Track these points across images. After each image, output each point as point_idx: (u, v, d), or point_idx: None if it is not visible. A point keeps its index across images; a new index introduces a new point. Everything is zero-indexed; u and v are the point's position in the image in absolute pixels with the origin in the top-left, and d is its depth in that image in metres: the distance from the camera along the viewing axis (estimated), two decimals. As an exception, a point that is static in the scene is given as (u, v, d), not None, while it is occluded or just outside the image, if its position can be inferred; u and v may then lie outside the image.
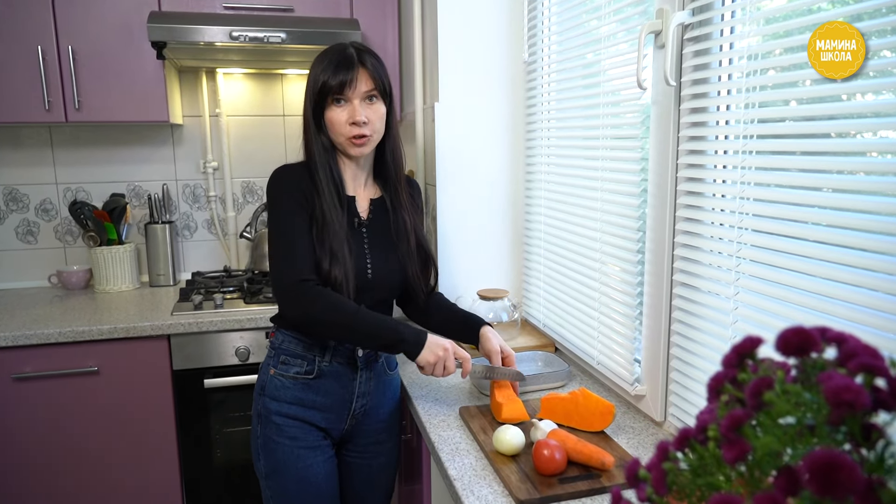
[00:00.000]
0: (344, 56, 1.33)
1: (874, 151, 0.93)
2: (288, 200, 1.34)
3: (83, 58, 2.08)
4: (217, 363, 2.02)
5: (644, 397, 1.39)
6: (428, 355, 1.32)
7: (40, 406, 1.92)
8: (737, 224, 1.07)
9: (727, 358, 0.54)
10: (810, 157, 0.95)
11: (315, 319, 1.29)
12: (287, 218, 1.33)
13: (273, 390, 1.39)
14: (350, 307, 1.29)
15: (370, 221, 1.44)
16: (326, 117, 1.35)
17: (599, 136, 1.50)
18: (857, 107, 0.90)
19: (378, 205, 1.46)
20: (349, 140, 1.35)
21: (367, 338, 1.32)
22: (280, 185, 1.36)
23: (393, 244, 1.44)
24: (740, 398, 0.54)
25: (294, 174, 1.37)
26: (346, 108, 1.33)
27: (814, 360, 0.49)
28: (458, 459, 1.22)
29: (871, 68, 0.83)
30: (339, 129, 1.34)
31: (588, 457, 1.15)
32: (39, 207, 2.43)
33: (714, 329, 1.14)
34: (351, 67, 1.32)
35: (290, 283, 1.29)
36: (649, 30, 1.22)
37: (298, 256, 1.31)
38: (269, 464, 1.40)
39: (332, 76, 1.32)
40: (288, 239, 1.32)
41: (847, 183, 0.90)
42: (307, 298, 1.28)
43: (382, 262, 1.42)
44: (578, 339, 1.66)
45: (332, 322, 1.29)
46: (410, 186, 1.52)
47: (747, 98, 1.03)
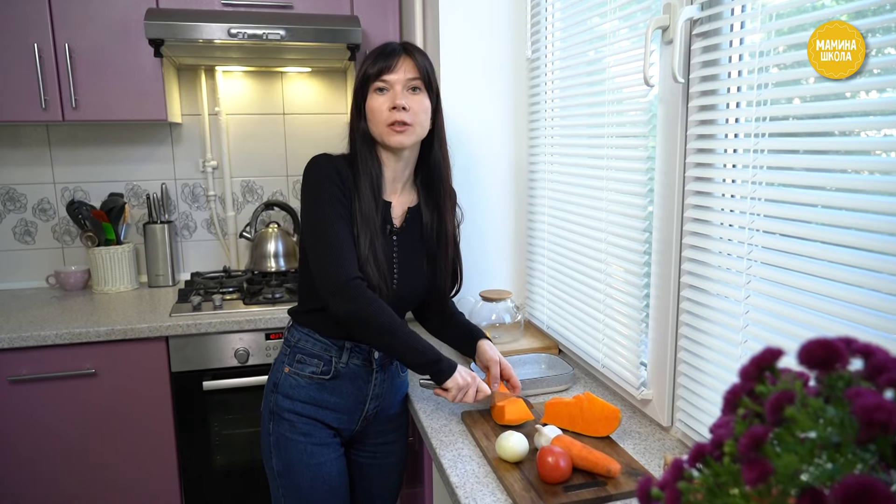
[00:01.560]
0: (388, 46, 1.32)
1: (893, 151, 0.90)
2: (331, 190, 1.27)
3: (80, 55, 2.05)
4: (216, 365, 1.99)
5: (650, 402, 1.36)
6: (458, 379, 1.29)
7: (37, 409, 1.89)
8: (747, 225, 1.03)
9: (745, 370, 0.51)
10: (824, 157, 0.92)
11: (365, 321, 1.24)
12: (333, 209, 1.26)
13: (287, 388, 1.37)
14: (395, 320, 1.27)
15: (402, 230, 1.40)
16: (367, 106, 1.32)
17: (605, 134, 1.47)
18: (870, 104, 0.87)
19: (413, 213, 1.42)
20: (388, 127, 1.29)
21: (408, 351, 1.27)
22: (322, 172, 1.28)
23: (422, 256, 1.42)
24: (759, 412, 0.51)
25: (336, 163, 1.31)
26: (388, 95, 1.30)
27: (839, 374, 0.46)
28: (460, 466, 1.19)
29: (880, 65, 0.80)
30: (378, 116, 1.29)
31: (594, 464, 1.12)
32: (37, 207, 2.41)
33: (724, 333, 1.11)
34: (394, 54, 1.30)
35: (344, 280, 1.23)
36: (656, 25, 1.18)
37: (348, 252, 1.26)
38: (283, 461, 1.37)
39: (373, 64, 1.30)
40: (336, 232, 1.25)
41: (865, 183, 0.87)
42: (364, 298, 1.23)
43: (409, 274, 1.40)
44: (583, 341, 1.63)
45: (382, 326, 1.24)
46: (452, 194, 1.47)
47: (759, 95, 1.00)
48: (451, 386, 1.29)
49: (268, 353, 2.02)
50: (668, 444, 1.27)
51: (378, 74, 1.29)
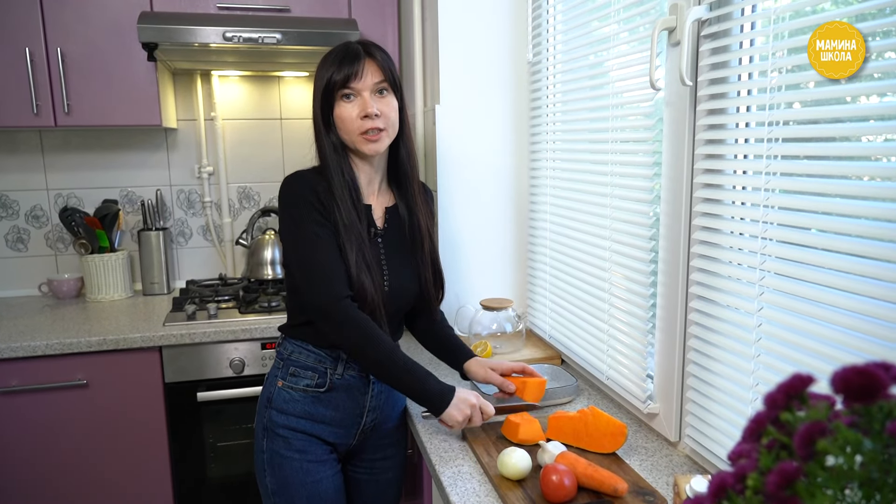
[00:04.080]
0: (348, 50, 1.26)
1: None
2: (307, 210, 1.24)
3: (73, 60, 2.01)
4: (211, 375, 1.95)
5: (657, 416, 1.31)
6: (455, 414, 1.24)
7: (27, 421, 1.84)
8: (760, 234, 0.99)
9: (773, 398, 0.47)
10: (844, 163, 0.87)
11: (354, 346, 1.23)
12: (311, 229, 1.24)
13: (281, 403, 1.33)
14: (388, 341, 1.24)
15: (385, 231, 1.37)
16: (336, 115, 1.27)
17: (609, 139, 1.43)
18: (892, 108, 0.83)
19: (393, 213, 1.39)
20: (362, 136, 1.26)
21: (395, 379, 1.25)
22: (295, 193, 1.26)
23: (408, 255, 1.38)
24: (786, 444, 0.47)
25: (309, 181, 1.27)
26: (356, 102, 1.25)
27: (879, 405, 0.42)
28: (460, 484, 1.15)
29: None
30: (349, 125, 1.25)
31: (600, 482, 1.07)
32: (30, 214, 2.36)
33: (735, 346, 1.07)
34: (357, 59, 1.24)
35: (329, 303, 1.22)
36: (663, 26, 1.14)
37: (333, 272, 1.23)
38: (277, 480, 1.33)
39: (338, 70, 1.24)
40: (317, 253, 1.23)
41: (889, 191, 0.83)
42: (351, 323, 1.22)
43: (399, 274, 1.36)
44: (586, 351, 1.58)
45: (368, 351, 1.23)
46: (424, 192, 1.45)
47: (772, 98, 0.96)
48: (450, 423, 1.25)
49: (264, 363, 1.97)
50: (676, 460, 1.22)
51: (345, 82, 1.24)
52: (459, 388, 1.27)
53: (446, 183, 1.89)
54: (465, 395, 1.26)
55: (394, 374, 1.24)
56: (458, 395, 1.26)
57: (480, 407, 1.26)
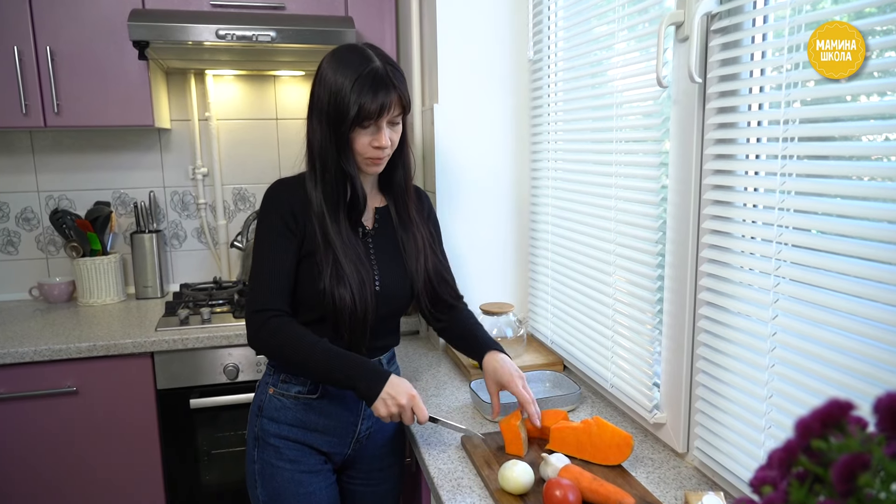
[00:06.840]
0: (378, 77, 1.18)
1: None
2: (273, 221, 1.24)
3: (63, 59, 1.96)
4: (204, 382, 1.90)
5: (664, 426, 1.26)
6: (380, 407, 1.16)
7: (15, 428, 1.80)
8: (775, 238, 0.94)
9: (806, 425, 0.42)
10: (864, 163, 0.83)
11: (271, 352, 1.24)
12: (267, 240, 1.25)
13: (272, 411, 1.29)
14: (307, 341, 1.19)
15: (375, 231, 1.34)
16: (353, 143, 1.21)
17: (613, 138, 1.38)
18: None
19: (383, 213, 1.35)
20: (367, 160, 1.24)
21: (320, 376, 1.22)
22: (272, 203, 1.26)
23: (399, 256, 1.34)
24: (822, 475, 0.42)
25: (287, 192, 1.26)
26: (371, 130, 1.21)
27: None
28: (459, 498, 1.10)
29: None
30: (360, 150, 1.22)
31: (605, 497, 1.03)
32: (20, 216, 2.32)
33: (747, 355, 1.02)
34: (389, 91, 1.18)
35: (249, 312, 1.23)
36: (670, 21, 1.10)
37: (266, 283, 1.24)
38: (268, 491, 1.28)
39: (372, 100, 1.16)
40: (261, 263, 1.25)
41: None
42: (265, 330, 1.21)
43: (390, 273, 1.32)
44: (590, 358, 1.54)
45: (288, 356, 1.21)
46: (417, 196, 1.41)
47: (787, 96, 0.91)
48: (380, 413, 1.17)
49: (258, 368, 1.92)
50: (685, 472, 1.18)
51: (377, 115, 1.18)
52: (398, 379, 1.18)
53: (445, 184, 1.84)
54: (398, 390, 1.16)
55: (317, 367, 1.18)
56: (390, 386, 1.16)
57: (413, 408, 1.17)
